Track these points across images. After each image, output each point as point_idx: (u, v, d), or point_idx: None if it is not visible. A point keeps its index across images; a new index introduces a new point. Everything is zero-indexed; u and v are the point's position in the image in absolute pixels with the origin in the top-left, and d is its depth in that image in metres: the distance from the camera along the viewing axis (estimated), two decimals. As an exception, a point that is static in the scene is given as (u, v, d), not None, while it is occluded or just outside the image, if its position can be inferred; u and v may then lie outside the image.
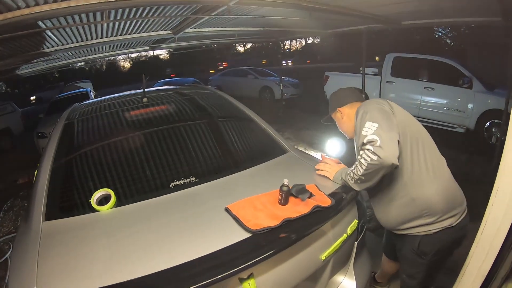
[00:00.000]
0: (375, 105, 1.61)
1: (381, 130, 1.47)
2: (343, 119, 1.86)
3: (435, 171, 1.62)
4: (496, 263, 1.57)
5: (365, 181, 1.54)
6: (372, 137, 1.46)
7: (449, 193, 1.63)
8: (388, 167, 1.44)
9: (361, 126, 1.55)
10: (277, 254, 1.23)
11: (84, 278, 1.14)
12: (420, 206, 1.60)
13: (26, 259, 1.27)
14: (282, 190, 1.47)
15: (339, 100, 1.88)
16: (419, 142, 1.62)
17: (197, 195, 1.66)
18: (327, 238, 1.50)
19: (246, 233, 1.31)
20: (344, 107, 1.84)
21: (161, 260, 1.18)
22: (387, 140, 1.44)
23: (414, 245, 1.68)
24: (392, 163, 1.42)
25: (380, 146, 1.42)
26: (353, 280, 1.74)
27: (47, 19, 3.37)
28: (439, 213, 1.59)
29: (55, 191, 1.66)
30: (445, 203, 1.60)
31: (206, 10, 4.11)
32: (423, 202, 1.59)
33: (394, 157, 1.43)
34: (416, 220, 1.63)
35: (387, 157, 1.41)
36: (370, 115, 1.54)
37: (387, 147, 1.43)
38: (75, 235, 1.42)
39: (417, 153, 1.61)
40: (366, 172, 1.49)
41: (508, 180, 1.43)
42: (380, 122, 1.50)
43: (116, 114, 2.25)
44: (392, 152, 1.43)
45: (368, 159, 1.45)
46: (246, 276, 1.21)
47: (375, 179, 1.51)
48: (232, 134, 2.23)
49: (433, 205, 1.59)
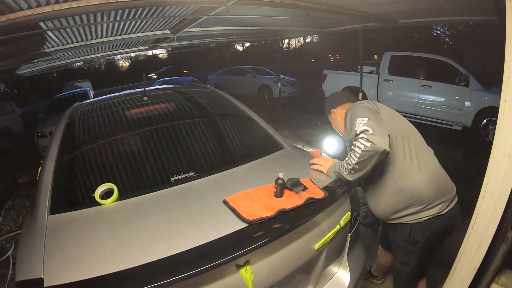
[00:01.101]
0: (360, 105, 1.75)
1: (372, 121, 1.56)
2: (336, 120, 1.99)
3: (420, 162, 1.71)
4: (488, 256, 1.60)
5: (358, 170, 1.61)
6: (364, 127, 1.55)
7: (436, 181, 1.72)
8: (381, 153, 1.53)
9: (352, 124, 1.65)
10: (272, 242, 1.29)
11: (89, 267, 1.18)
12: (409, 195, 1.69)
13: (32, 251, 1.32)
14: (277, 183, 1.53)
15: (332, 102, 2.02)
16: (404, 136, 1.72)
17: (196, 189, 1.71)
18: (320, 229, 1.57)
19: (243, 223, 1.37)
20: (337, 108, 1.97)
21: (163, 249, 1.23)
22: (378, 128, 1.54)
23: (405, 233, 1.77)
24: (384, 149, 1.51)
25: (373, 134, 1.51)
26: (347, 271, 1.79)
27: (48, 20, 3.39)
28: (427, 201, 1.69)
29: (59, 186, 1.71)
30: (432, 192, 1.68)
31: (204, 10, 4.14)
32: (411, 191, 1.68)
33: (385, 143, 1.51)
34: (406, 209, 1.72)
35: (379, 143, 1.50)
36: (359, 113, 1.64)
37: (379, 134, 1.52)
38: (80, 227, 1.46)
39: (402, 146, 1.71)
40: (360, 160, 1.56)
41: (497, 174, 1.47)
42: (369, 116, 1.60)
43: (117, 112, 2.30)
44: (383, 139, 1.52)
45: (362, 146, 1.53)
46: (243, 263, 1.27)
47: (368, 167, 1.58)
48: (230, 131, 2.29)
49: (421, 193, 1.68)
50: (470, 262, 1.65)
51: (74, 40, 5.19)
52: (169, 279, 1.08)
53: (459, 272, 1.73)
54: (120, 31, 5.17)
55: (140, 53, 18.42)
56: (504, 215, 1.50)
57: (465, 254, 1.67)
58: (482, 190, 1.54)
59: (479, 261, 1.62)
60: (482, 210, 1.55)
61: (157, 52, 22.30)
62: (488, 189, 1.52)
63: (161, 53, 28.01)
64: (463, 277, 1.71)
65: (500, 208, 1.49)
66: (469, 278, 1.69)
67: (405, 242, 1.80)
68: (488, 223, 1.54)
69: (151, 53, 13.63)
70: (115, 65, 33.42)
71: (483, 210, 1.55)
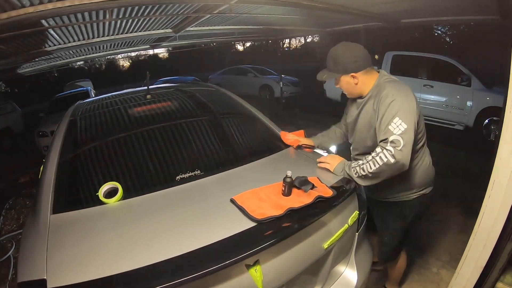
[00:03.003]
0: (407, 101, 1.59)
1: (407, 134, 1.51)
2: (357, 85, 1.75)
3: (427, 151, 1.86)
4: (494, 254, 1.60)
5: (371, 178, 1.61)
6: (398, 138, 1.50)
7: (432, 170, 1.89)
8: (399, 170, 1.54)
9: (389, 119, 1.55)
10: (281, 241, 1.27)
11: (93, 268, 1.16)
12: (410, 179, 1.80)
13: (35, 251, 1.29)
14: (286, 181, 1.51)
15: (353, 63, 1.70)
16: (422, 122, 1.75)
17: (203, 188, 1.69)
18: (329, 227, 1.54)
19: (251, 222, 1.35)
20: (360, 72, 1.71)
21: (170, 249, 1.21)
22: (408, 145, 1.51)
23: (396, 210, 1.91)
24: (404, 168, 1.54)
25: (401, 150, 1.49)
26: (354, 270, 1.77)
27: (50, 18, 3.38)
28: (422, 185, 1.85)
29: (62, 185, 1.68)
30: (431, 175, 1.88)
31: (207, 8, 4.13)
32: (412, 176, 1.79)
33: (408, 162, 1.52)
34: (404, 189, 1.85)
35: (404, 161, 1.50)
36: (402, 112, 1.54)
37: (407, 152, 1.50)
38: (83, 227, 1.44)
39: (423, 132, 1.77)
40: (378, 171, 1.55)
41: (504, 173, 1.46)
42: (409, 124, 1.52)
43: (121, 111, 2.28)
44: (407, 157, 1.51)
45: (385, 160, 1.51)
46: (252, 262, 1.25)
47: (381, 178, 1.59)
48: (236, 129, 2.27)
49: (426, 176, 1.84)
50: (476, 261, 1.66)
51: (75, 38, 5.19)
52: (177, 280, 1.05)
53: (465, 271, 1.73)
54: (122, 29, 5.17)
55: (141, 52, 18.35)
56: (511, 213, 1.50)
57: (471, 253, 1.68)
58: (489, 188, 1.54)
59: (485, 260, 1.63)
60: (488, 209, 1.55)
61: (158, 52, 22.32)
62: (494, 188, 1.52)
63: (162, 52, 28.07)
64: (469, 275, 1.72)
65: (507, 206, 1.49)
66: (475, 277, 1.70)
67: (396, 218, 1.93)
68: (494, 222, 1.54)
69: (152, 52, 13.61)
70: (116, 65, 33.45)
71: (489, 209, 1.55)
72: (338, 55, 1.73)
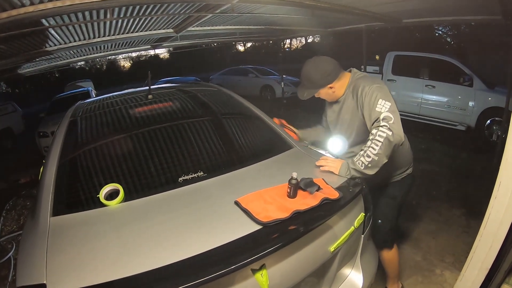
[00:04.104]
0: (382, 86, 1.76)
1: (393, 109, 1.65)
2: (334, 93, 1.95)
3: None
4: (499, 256, 1.59)
5: (378, 161, 1.65)
6: (387, 114, 1.63)
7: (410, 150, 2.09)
8: (398, 143, 1.64)
9: (373, 103, 1.70)
10: (288, 245, 1.24)
11: (93, 271, 1.14)
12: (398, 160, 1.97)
13: (34, 254, 1.27)
14: (291, 183, 1.49)
15: (329, 75, 1.87)
16: None
17: (206, 189, 1.66)
18: (335, 230, 1.52)
19: (257, 225, 1.32)
20: (335, 82, 1.90)
21: (172, 253, 1.18)
22: (398, 118, 1.65)
23: (388, 191, 2.08)
24: (402, 139, 1.64)
25: (394, 123, 1.62)
26: (360, 273, 1.75)
27: (51, 17, 3.36)
28: (407, 165, 2.07)
29: (62, 187, 1.66)
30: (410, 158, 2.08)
31: (209, 8, 4.11)
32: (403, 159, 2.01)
33: (402, 134, 1.64)
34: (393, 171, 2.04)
35: (400, 133, 1.62)
36: (382, 94, 1.70)
37: (399, 125, 1.63)
38: (84, 229, 1.41)
39: None
40: (381, 150, 1.62)
41: (510, 174, 1.44)
42: (391, 101, 1.68)
43: (122, 111, 2.25)
44: (401, 129, 1.64)
45: (384, 135, 1.60)
46: (258, 267, 1.22)
47: (385, 158, 1.66)
48: (239, 130, 2.24)
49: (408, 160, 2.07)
50: (482, 263, 1.64)
51: (76, 38, 5.16)
52: (180, 286, 1.02)
53: (470, 273, 1.71)
54: (123, 29, 5.14)
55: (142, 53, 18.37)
56: (517, 215, 1.47)
57: (477, 255, 1.66)
58: (495, 190, 1.52)
59: (491, 262, 1.61)
60: (495, 210, 1.53)
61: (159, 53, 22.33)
62: (500, 189, 1.50)
63: (163, 53, 28.07)
64: (474, 278, 1.70)
65: (513, 208, 1.46)
66: (480, 279, 1.68)
67: (388, 199, 2.07)
68: (500, 223, 1.52)
69: (153, 53, 13.61)
70: (116, 65, 33.53)
71: (495, 210, 1.53)
72: (310, 74, 1.90)
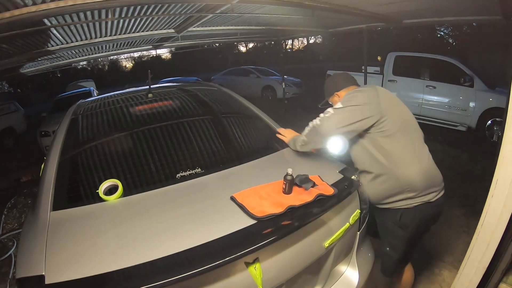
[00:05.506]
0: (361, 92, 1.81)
1: (340, 111, 1.72)
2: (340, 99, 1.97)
3: (418, 154, 1.76)
4: (497, 255, 1.58)
5: (306, 142, 1.88)
6: (329, 110, 1.76)
7: (429, 173, 1.77)
8: (322, 137, 1.76)
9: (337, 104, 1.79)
10: (281, 239, 1.26)
11: (91, 264, 1.16)
12: (404, 182, 1.73)
13: (34, 247, 1.29)
14: (286, 179, 1.51)
15: (336, 85, 2.03)
16: (406, 127, 1.78)
17: (203, 185, 1.68)
18: (330, 226, 1.53)
19: (251, 220, 1.34)
20: (341, 90, 1.99)
21: (169, 246, 1.20)
22: (340, 118, 1.70)
23: (396, 218, 1.82)
24: (327, 134, 1.74)
25: (329, 117, 1.72)
26: (356, 270, 1.76)
27: (53, 17, 3.38)
28: (419, 190, 1.73)
29: (62, 182, 1.68)
30: (425, 182, 1.73)
31: (209, 8, 4.13)
32: (406, 180, 1.72)
33: (331, 132, 1.73)
34: (399, 194, 1.76)
35: (325, 128, 1.73)
36: (349, 98, 1.76)
37: (332, 121, 1.71)
38: (83, 224, 1.44)
39: (405, 138, 1.75)
40: (309, 134, 1.85)
41: (507, 172, 1.45)
42: (354, 104, 1.71)
43: (122, 109, 2.28)
44: (333, 128, 1.71)
45: (314, 123, 1.81)
46: (252, 260, 1.24)
47: (312, 143, 1.86)
48: (237, 128, 2.27)
49: (415, 182, 1.72)
50: (479, 261, 1.63)
51: (78, 38, 5.18)
52: (176, 277, 1.05)
53: (467, 272, 1.71)
54: (125, 29, 5.17)
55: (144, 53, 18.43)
56: (514, 214, 1.47)
57: (474, 253, 1.65)
58: (491, 188, 1.52)
59: (488, 260, 1.60)
60: (492, 209, 1.53)
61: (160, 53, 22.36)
62: (497, 187, 1.50)
63: (165, 53, 28.12)
64: (471, 276, 1.69)
65: (510, 206, 1.47)
66: (478, 278, 1.67)
67: (395, 226, 1.84)
68: (498, 222, 1.52)
69: (154, 53, 13.61)
70: (118, 65, 33.58)
71: (492, 209, 1.53)
72: (327, 83, 2.11)
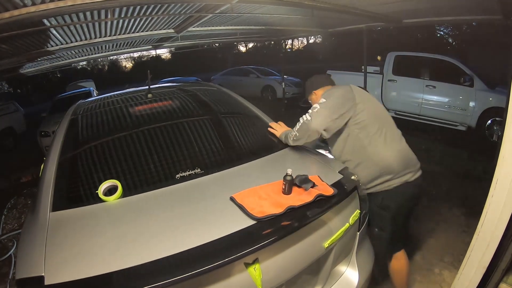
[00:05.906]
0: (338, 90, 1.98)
1: (326, 106, 1.86)
2: (316, 100, 2.08)
3: (390, 140, 1.94)
4: (497, 254, 1.57)
5: (299, 137, 1.93)
6: (317, 105, 1.87)
7: (403, 156, 1.95)
8: (314, 131, 1.85)
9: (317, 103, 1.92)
10: (281, 240, 1.26)
11: (91, 265, 1.15)
12: (381, 166, 1.90)
13: (34, 248, 1.29)
14: (286, 179, 1.50)
15: (314, 84, 2.21)
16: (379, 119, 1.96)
17: (203, 186, 1.68)
18: (330, 226, 1.53)
19: (251, 220, 1.34)
20: (318, 89, 2.16)
21: (168, 246, 1.20)
22: (326, 112, 1.84)
23: (378, 201, 1.98)
24: (317, 130, 1.84)
25: (317, 112, 1.84)
26: (356, 270, 1.76)
27: (52, 17, 3.38)
28: (395, 171, 1.90)
29: (62, 183, 1.68)
30: (400, 163, 1.91)
31: (209, 8, 4.13)
32: (382, 163, 1.90)
33: (321, 126, 1.83)
34: (378, 178, 1.94)
35: (316, 122, 1.83)
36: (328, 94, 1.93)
37: (321, 115, 1.83)
38: (83, 225, 1.43)
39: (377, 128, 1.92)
40: (300, 130, 1.91)
41: (507, 171, 1.44)
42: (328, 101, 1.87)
43: (122, 109, 2.28)
44: (322, 122, 1.83)
45: (304, 118, 1.89)
46: (251, 261, 1.24)
47: (304, 138, 1.92)
48: (236, 128, 2.27)
49: (390, 165, 1.90)
50: (479, 261, 1.62)
51: (77, 38, 5.19)
52: (175, 277, 1.04)
53: (467, 272, 1.70)
54: (124, 30, 5.17)
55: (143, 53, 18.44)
56: (514, 213, 1.47)
57: (474, 253, 1.65)
58: (491, 188, 1.51)
59: (488, 260, 1.59)
60: (492, 208, 1.52)
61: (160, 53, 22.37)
62: (497, 187, 1.49)
63: (164, 53, 28.12)
64: (471, 276, 1.68)
65: (510, 205, 1.46)
66: (478, 278, 1.66)
67: (379, 209, 1.98)
68: (498, 222, 1.51)
69: (154, 53, 13.63)
70: (118, 65, 33.59)
71: (492, 208, 1.52)
72: (306, 84, 2.28)
